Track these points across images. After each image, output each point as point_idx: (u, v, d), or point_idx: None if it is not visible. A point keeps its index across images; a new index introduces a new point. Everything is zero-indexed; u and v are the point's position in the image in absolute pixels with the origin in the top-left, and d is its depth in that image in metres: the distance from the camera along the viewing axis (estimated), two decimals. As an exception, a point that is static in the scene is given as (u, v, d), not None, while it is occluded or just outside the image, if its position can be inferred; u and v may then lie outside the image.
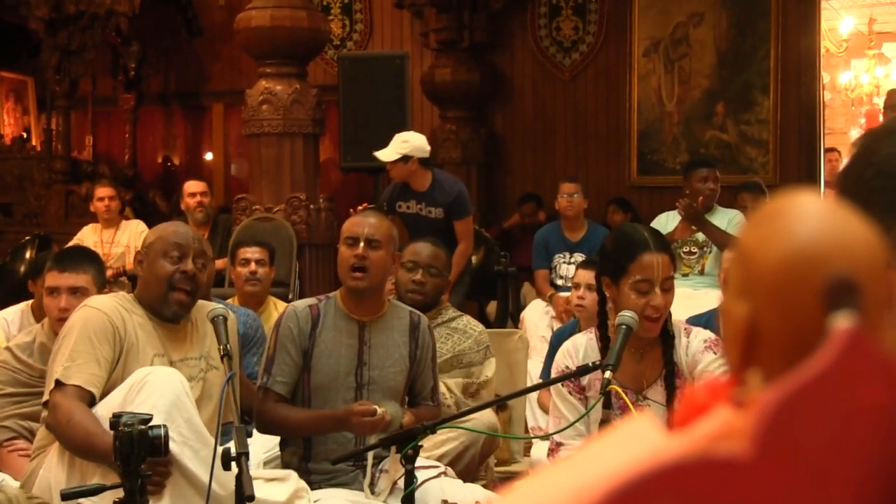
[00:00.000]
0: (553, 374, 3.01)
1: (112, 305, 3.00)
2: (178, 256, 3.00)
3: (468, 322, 4.06)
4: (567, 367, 2.95)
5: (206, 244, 3.16)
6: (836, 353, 0.68)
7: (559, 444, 2.91)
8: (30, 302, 4.18)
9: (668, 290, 2.81)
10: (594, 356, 2.90)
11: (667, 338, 2.87)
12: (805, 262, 0.76)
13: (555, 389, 2.95)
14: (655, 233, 2.96)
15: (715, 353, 2.86)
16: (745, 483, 0.64)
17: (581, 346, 2.98)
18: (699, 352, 2.87)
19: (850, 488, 0.67)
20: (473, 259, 6.21)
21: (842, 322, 0.70)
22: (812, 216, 0.77)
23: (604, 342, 2.92)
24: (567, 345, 3.03)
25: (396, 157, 5.61)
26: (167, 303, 3.00)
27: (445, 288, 4.13)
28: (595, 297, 4.24)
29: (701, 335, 2.92)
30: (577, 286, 4.34)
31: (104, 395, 2.86)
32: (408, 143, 5.65)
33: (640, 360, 2.89)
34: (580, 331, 3.39)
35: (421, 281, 3.88)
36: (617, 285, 2.82)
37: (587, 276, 4.32)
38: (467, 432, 3.45)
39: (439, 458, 3.44)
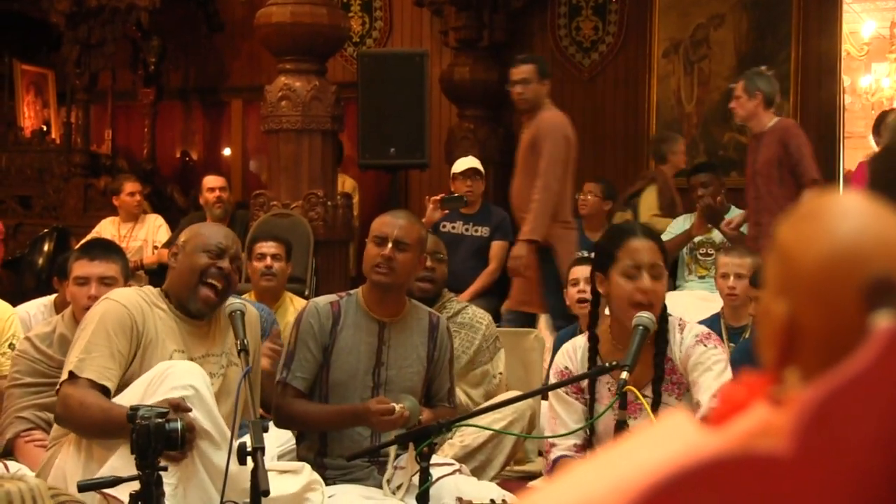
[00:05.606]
0: (552, 376, 3.00)
1: (133, 299, 2.98)
2: (216, 253, 3.03)
3: (474, 314, 4.00)
4: (566, 368, 2.95)
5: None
6: (876, 352, 0.67)
7: (552, 445, 2.91)
8: (53, 297, 4.17)
9: (657, 278, 2.81)
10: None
11: (661, 338, 2.85)
12: (846, 261, 0.75)
13: (552, 392, 2.95)
14: (643, 225, 2.99)
15: (705, 345, 2.84)
16: (784, 480, 0.64)
17: (580, 349, 2.97)
18: (691, 346, 2.86)
19: (889, 486, 0.67)
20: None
21: (882, 321, 0.70)
22: (853, 215, 0.76)
23: (592, 342, 2.91)
24: (567, 346, 3.03)
25: (480, 175, 6.20)
26: (195, 297, 3.00)
27: (446, 273, 4.09)
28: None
29: (694, 329, 2.91)
30: (575, 282, 4.29)
31: (121, 388, 2.86)
32: (481, 167, 6.26)
33: (638, 361, 2.89)
34: (581, 333, 3.38)
35: (431, 267, 3.82)
36: (608, 277, 2.83)
37: (586, 271, 4.30)
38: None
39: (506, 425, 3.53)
